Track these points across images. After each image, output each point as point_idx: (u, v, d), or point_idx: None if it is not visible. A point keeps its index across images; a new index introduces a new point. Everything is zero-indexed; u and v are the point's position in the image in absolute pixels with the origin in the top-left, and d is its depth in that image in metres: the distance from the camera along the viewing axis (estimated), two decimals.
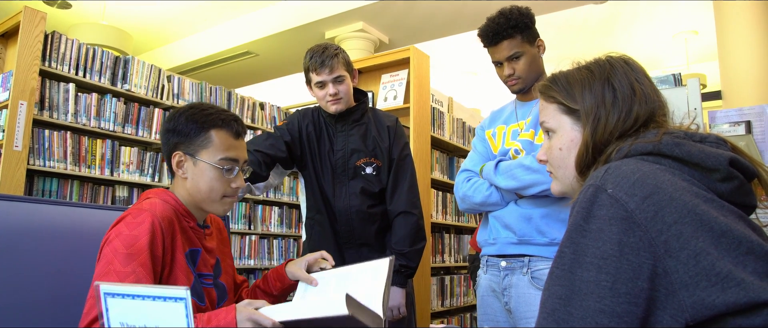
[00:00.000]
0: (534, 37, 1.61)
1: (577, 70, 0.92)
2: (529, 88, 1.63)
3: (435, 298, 3.54)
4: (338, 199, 1.85)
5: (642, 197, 0.70)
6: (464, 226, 4.03)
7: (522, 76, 1.60)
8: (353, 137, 1.89)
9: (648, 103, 0.85)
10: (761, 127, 1.98)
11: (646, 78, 0.88)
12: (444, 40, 6.54)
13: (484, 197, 1.57)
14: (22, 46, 2.67)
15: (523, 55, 1.58)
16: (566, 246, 0.74)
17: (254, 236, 3.84)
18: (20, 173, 2.64)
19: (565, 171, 0.93)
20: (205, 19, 6.53)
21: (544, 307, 0.72)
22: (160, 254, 1.09)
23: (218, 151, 1.21)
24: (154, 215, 1.11)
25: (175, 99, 3.43)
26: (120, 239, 1.06)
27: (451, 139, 3.86)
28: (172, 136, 1.23)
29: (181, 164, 1.22)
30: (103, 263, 1.05)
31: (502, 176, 1.52)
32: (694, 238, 0.67)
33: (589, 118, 0.87)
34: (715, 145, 0.79)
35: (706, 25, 6.35)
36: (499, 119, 1.72)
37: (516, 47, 1.58)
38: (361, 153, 1.87)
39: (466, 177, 1.66)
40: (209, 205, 1.23)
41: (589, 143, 0.86)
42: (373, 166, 1.87)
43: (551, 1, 5.18)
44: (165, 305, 0.68)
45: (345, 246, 1.86)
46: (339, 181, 1.87)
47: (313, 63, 1.83)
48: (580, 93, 0.88)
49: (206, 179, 1.20)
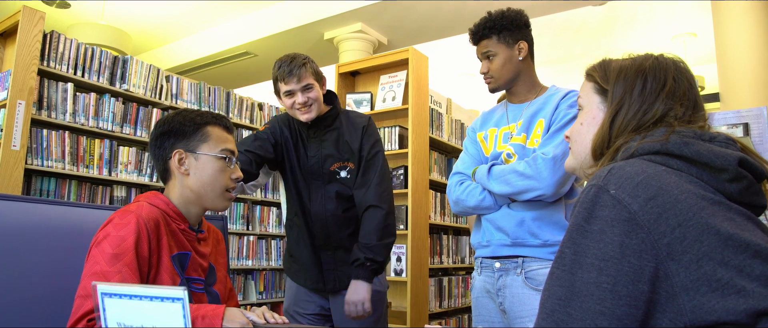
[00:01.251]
0: (515, 39, 1.63)
1: (624, 59, 0.93)
2: (507, 88, 1.67)
3: (433, 299, 3.54)
4: (314, 203, 1.87)
5: (646, 198, 0.69)
6: (462, 227, 4.03)
7: (495, 75, 1.64)
8: (326, 142, 1.90)
9: (671, 103, 0.84)
10: (759, 129, 1.98)
11: (686, 82, 0.87)
12: (443, 41, 6.55)
13: (477, 201, 1.58)
14: (20, 45, 2.67)
15: (496, 56, 1.63)
16: (567, 246, 0.73)
17: (252, 237, 3.84)
18: (18, 172, 2.63)
19: (580, 146, 0.94)
20: (203, 20, 6.52)
21: (544, 307, 0.72)
22: (146, 254, 1.11)
23: (217, 143, 1.27)
24: (139, 217, 1.13)
25: (174, 99, 3.42)
26: (107, 240, 1.09)
27: (450, 141, 3.86)
28: (167, 138, 1.26)
29: (182, 161, 1.25)
30: (90, 263, 1.08)
31: (496, 181, 1.53)
32: (698, 241, 0.67)
33: (614, 102, 0.87)
34: (725, 145, 0.78)
35: (704, 27, 6.36)
36: (489, 122, 1.72)
37: (490, 47, 1.64)
38: (335, 158, 1.88)
39: (458, 180, 1.67)
40: (213, 199, 1.27)
41: (606, 126, 0.86)
42: (347, 169, 1.88)
43: (550, 3, 5.19)
44: (162, 305, 0.68)
45: (321, 248, 1.88)
46: (315, 185, 1.88)
47: (281, 72, 1.82)
48: (615, 77, 0.89)
49: (210, 171, 1.25)
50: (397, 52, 3.40)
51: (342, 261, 1.88)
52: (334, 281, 1.88)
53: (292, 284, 1.98)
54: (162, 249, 1.16)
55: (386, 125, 3.43)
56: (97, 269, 1.05)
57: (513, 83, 1.65)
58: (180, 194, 1.26)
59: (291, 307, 1.98)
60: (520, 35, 1.64)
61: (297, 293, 1.96)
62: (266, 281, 3.90)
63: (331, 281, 1.89)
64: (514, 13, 1.65)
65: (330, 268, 1.88)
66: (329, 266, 1.88)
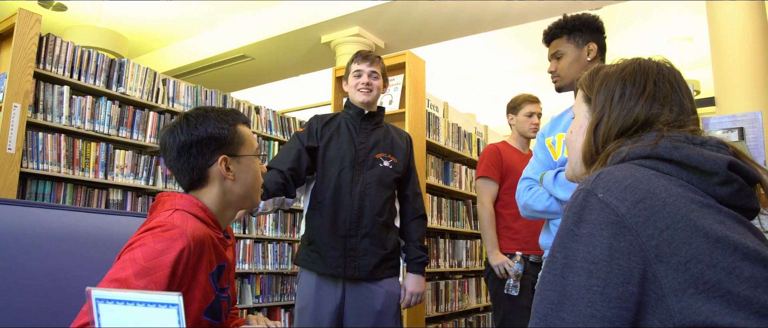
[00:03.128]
0: (585, 40, 1.70)
1: (611, 65, 0.93)
2: (572, 89, 1.70)
3: (430, 303, 3.54)
4: (356, 185, 2.01)
5: (633, 201, 0.70)
6: (459, 230, 4.03)
7: (561, 74, 1.72)
8: (374, 134, 2.13)
9: (653, 107, 0.84)
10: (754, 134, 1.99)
11: (668, 85, 0.86)
12: (440, 45, 6.56)
13: (544, 206, 1.63)
14: (16, 48, 2.66)
15: (565, 55, 1.71)
16: (557, 251, 0.74)
17: (249, 241, 3.83)
18: (13, 175, 2.62)
19: (571, 153, 0.96)
20: (200, 23, 6.52)
21: (536, 311, 0.73)
22: (180, 275, 1.04)
23: (251, 141, 1.28)
24: (187, 238, 1.05)
25: (170, 102, 3.42)
26: (142, 249, 1.01)
27: (447, 144, 3.87)
28: (207, 144, 1.18)
29: (228, 167, 1.21)
30: (116, 268, 1.00)
31: (561, 187, 1.56)
32: (686, 244, 0.67)
33: (596, 110, 0.88)
34: (716, 148, 0.78)
35: (700, 31, 6.40)
36: (558, 127, 1.75)
37: (560, 46, 1.73)
38: (380, 148, 2.10)
39: (527, 185, 1.72)
40: (254, 198, 1.28)
41: (590, 134, 0.88)
42: (389, 161, 2.10)
43: (547, 7, 5.21)
44: (157, 310, 0.68)
45: (348, 236, 1.97)
46: (358, 170, 2.03)
47: (359, 55, 2.16)
48: (598, 85, 0.90)
49: (252, 171, 1.26)
50: (394, 56, 3.41)
51: (366, 251, 1.97)
52: (356, 268, 1.95)
53: (309, 279, 1.98)
54: (200, 269, 1.10)
55: None
56: (121, 276, 0.98)
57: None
58: (219, 199, 1.21)
59: (310, 305, 1.96)
60: (590, 37, 1.71)
61: (318, 288, 1.96)
62: (263, 284, 3.89)
63: (352, 268, 1.94)
64: (588, 16, 1.73)
65: (353, 255, 1.95)
66: (353, 253, 1.96)
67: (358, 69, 2.12)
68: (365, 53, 2.16)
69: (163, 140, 1.21)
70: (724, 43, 4.02)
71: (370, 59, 2.13)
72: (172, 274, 1.01)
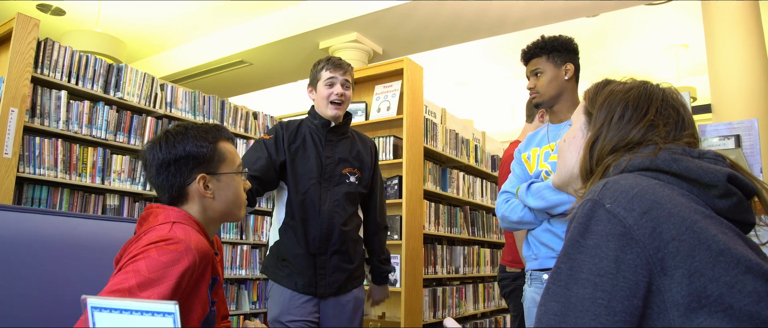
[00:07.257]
0: (563, 60, 1.79)
1: (618, 82, 0.93)
2: (550, 105, 1.80)
3: (427, 309, 3.53)
4: (324, 203, 1.97)
5: (640, 212, 0.69)
6: (457, 237, 4.03)
7: (540, 91, 1.79)
8: (340, 148, 2.06)
9: (649, 132, 0.83)
10: (750, 141, 2.00)
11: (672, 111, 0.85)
12: (437, 51, 6.58)
13: (519, 216, 1.69)
14: (14, 52, 2.65)
15: (543, 73, 1.79)
16: (562, 262, 0.73)
17: (246, 246, 3.82)
18: (9, 180, 2.61)
19: (560, 161, 0.96)
20: (198, 28, 6.53)
21: (540, 323, 0.72)
22: (183, 287, 1.04)
23: (233, 158, 1.26)
24: (194, 252, 1.05)
25: (168, 108, 3.42)
26: (147, 261, 1.00)
27: (444, 151, 3.87)
28: (185, 163, 1.18)
29: (207, 185, 1.20)
30: (118, 279, 0.99)
31: (533, 196, 1.63)
32: (690, 256, 0.67)
33: (595, 128, 0.88)
34: (714, 161, 0.78)
35: (696, 38, 6.43)
36: (533, 142, 1.84)
37: (539, 65, 1.80)
38: (347, 162, 2.05)
39: (504, 198, 1.78)
40: (236, 214, 1.27)
41: (586, 150, 0.88)
42: (355, 176, 2.06)
43: (543, 15, 5.23)
44: (153, 319, 0.67)
45: (317, 253, 1.96)
46: (325, 186, 1.99)
47: (331, 62, 2.04)
48: (600, 102, 0.89)
49: (233, 189, 1.24)
50: (392, 62, 3.41)
51: (336, 267, 1.97)
52: (326, 286, 1.96)
53: (282, 292, 1.97)
54: (202, 281, 1.10)
55: (381, 135, 3.43)
56: (124, 286, 0.96)
57: (556, 101, 1.79)
58: (200, 216, 1.20)
59: (281, 315, 1.96)
60: (568, 58, 1.80)
61: (290, 300, 1.95)
62: (259, 290, 3.88)
63: (322, 286, 1.95)
64: (565, 38, 1.83)
65: (323, 273, 1.95)
66: (323, 271, 1.95)
67: (331, 77, 2.01)
68: (337, 60, 2.05)
69: (144, 156, 1.22)
70: (721, 51, 4.04)
71: (343, 68, 2.03)
72: (177, 286, 1.00)
